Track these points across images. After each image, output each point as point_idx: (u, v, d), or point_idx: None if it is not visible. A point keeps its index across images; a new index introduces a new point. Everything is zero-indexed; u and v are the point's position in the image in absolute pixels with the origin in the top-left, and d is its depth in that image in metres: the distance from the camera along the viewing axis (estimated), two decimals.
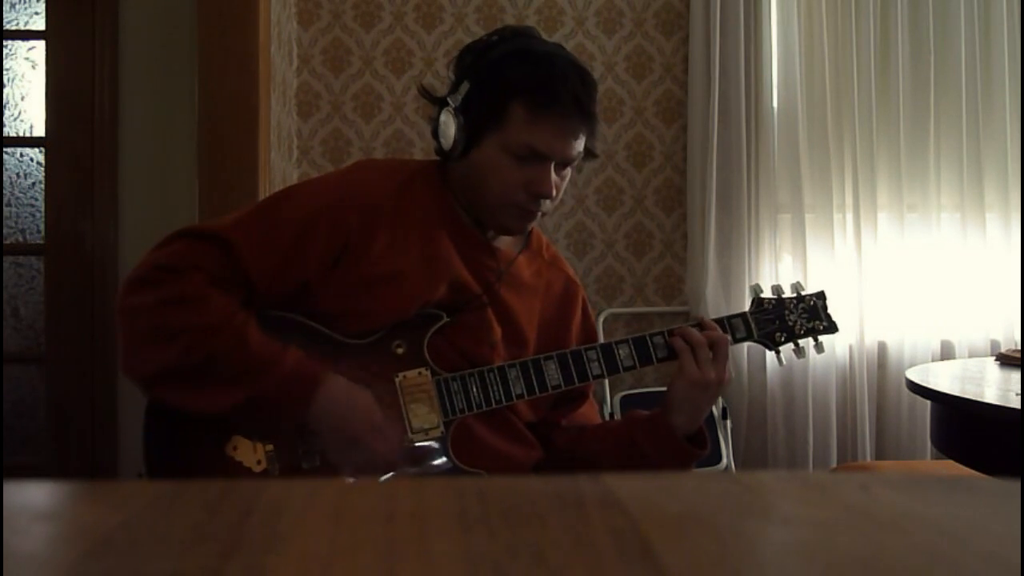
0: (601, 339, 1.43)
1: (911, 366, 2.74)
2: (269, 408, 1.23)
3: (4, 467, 2.56)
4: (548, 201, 1.34)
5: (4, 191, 2.73)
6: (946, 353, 3.09)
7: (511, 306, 1.40)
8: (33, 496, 0.46)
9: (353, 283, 1.30)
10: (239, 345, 1.22)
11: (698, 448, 1.40)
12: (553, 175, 1.32)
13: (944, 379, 2.09)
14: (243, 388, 1.21)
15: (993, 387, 2.00)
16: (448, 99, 1.34)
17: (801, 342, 1.48)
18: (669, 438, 1.37)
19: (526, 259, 1.46)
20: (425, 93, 1.42)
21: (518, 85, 1.28)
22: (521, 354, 1.39)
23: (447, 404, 1.32)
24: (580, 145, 1.33)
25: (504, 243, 1.44)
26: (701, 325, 1.40)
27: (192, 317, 1.23)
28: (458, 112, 1.32)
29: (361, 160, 1.52)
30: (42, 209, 2.73)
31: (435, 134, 1.38)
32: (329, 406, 1.23)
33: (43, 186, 2.72)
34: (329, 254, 1.30)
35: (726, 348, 1.37)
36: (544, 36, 1.40)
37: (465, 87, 1.32)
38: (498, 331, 1.37)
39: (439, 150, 1.38)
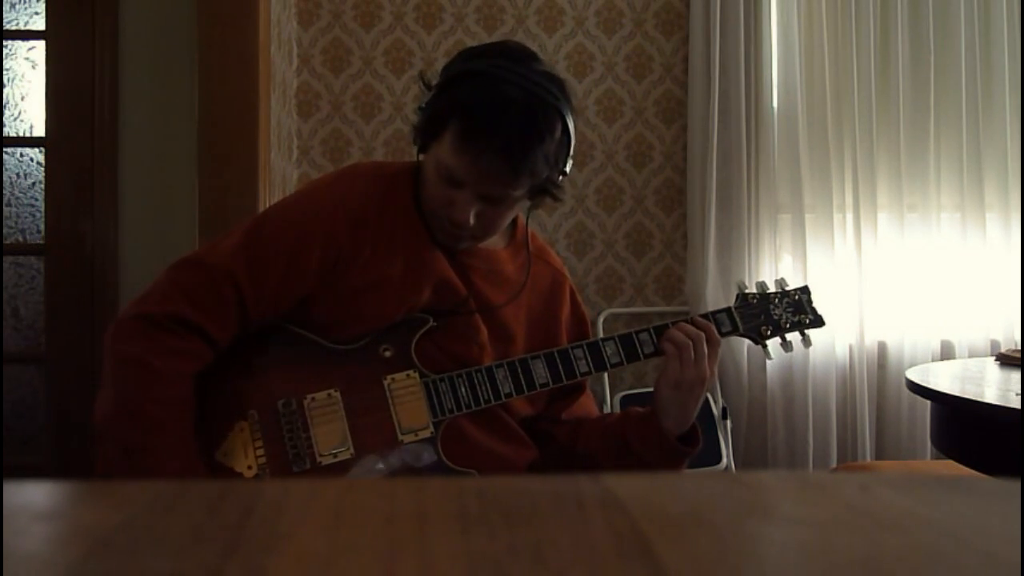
0: (601, 336, 1.43)
1: (911, 366, 2.74)
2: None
3: (4, 467, 2.56)
4: (478, 228, 1.32)
5: (4, 191, 2.73)
6: (946, 353, 3.09)
7: (495, 303, 1.40)
8: (33, 496, 0.46)
9: (342, 293, 1.31)
10: (163, 460, 1.21)
11: (691, 447, 1.40)
12: (476, 205, 1.29)
13: (944, 379, 2.09)
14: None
15: (993, 387, 2.00)
16: (418, 105, 1.36)
17: (788, 336, 1.48)
18: (660, 439, 1.38)
19: (509, 254, 1.46)
20: (423, 83, 1.42)
21: (457, 106, 1.26)
22: (510, 351, 1.40)
23: (436, 405, 1.33)
24: (511, 190, 1.28)
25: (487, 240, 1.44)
26: (693, 323, 1.40)
27: (145, 397, 1.22)
28: (417, 115, 1.35)
29: (346, 168, 1.49)
30: (42, 209, 2.73)
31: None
32: None
33: (43, 186, 2.72)
34: (325, 269, 1.31)
35: (717, 347, 1.38)
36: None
37: (425, 95, 1.34)
38: (484, 331, 1.38)
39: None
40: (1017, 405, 1.67)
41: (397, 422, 1.31)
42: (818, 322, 1.50)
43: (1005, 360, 2.23)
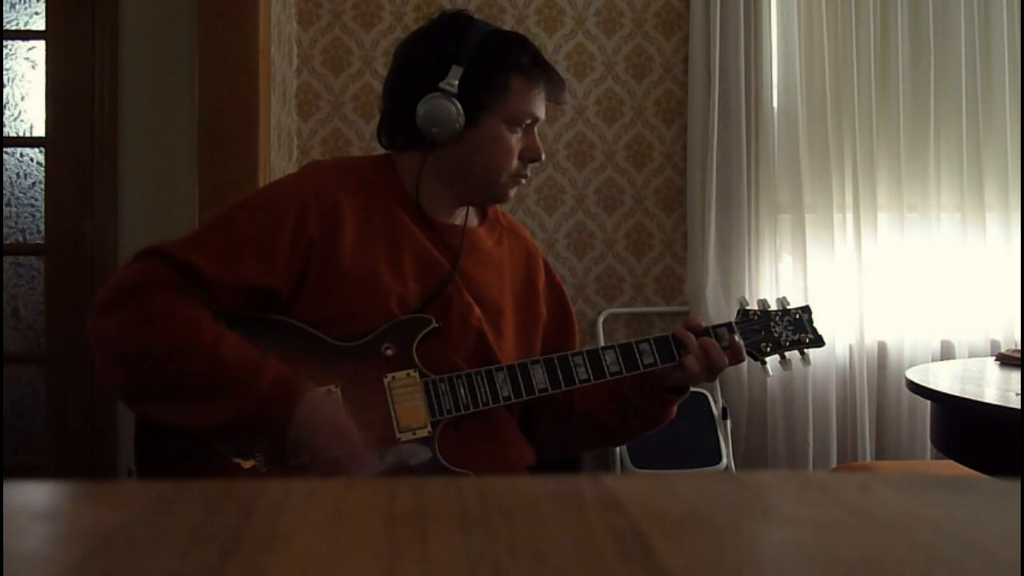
0: (601, 340, 1.45)
1: (911, 366, 2.74)
2: (249, 426, 1.26)
3: (4, 467, 2.56)
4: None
5: (4, 191, 2.73)
6: (946, 353, 3.09)
7: (480, 280, 1.43)
8: (33, 496, 0.46)
9: (329, 285, 1.32)
10: (213, 364, 1.24)
11: (681, 394, 1.47)
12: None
13: (944, 379, 2.10)
14: (222, 409, 1.24)
15: (993, 387, 2.01)
16: (442, 85, 1.35)
17: (787, 354, 1.51)
18: (655, 390, 1.44)
19: (486, 230, 1.50)
20: (395, 86, 1.44)
21: (514, 61, 1.38)
22: (500, 324, 1.43)
23: (435, 405, 1.34)
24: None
25: (461, 220, 1.46)
26: (706, 350, 1.42)
27: (159, 337, 1.24)
28: (455, 96, 1.36)
29: (311, 163, 1.55)
30: (42, 209, 2.73)
31: (399, 127, 1.41)
32: (306, 426, 1.25)
33: (43, 186, 2.72)
34: (295, 263, 1.31)
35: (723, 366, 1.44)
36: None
37: (456, 71, 1.35)
38: (477, 310, 1.40)
39: (408, 140, 1.41)
40: (1017, 405, 1.67)
41: (396, 420, 1.32)
42: (818, 342, 1.53)
43: (1005, 360, 2.22)
